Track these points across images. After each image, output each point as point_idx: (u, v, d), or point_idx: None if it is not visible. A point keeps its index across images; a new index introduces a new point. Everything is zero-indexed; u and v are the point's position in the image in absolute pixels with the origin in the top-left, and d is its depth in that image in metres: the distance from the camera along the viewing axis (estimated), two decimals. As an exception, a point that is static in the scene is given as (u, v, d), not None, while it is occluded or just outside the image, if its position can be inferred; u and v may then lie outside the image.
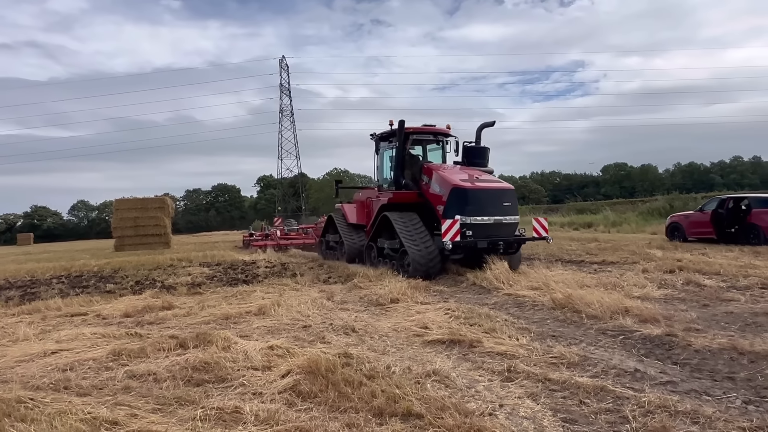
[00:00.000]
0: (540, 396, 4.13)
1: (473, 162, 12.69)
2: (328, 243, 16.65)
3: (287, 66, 73.42)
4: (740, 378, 4.47)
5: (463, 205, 10.60)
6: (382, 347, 5.71)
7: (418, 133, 12.99)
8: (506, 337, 5.86)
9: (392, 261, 11.79)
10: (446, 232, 10.22)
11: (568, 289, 7.96)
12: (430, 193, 11.67)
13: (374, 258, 12.79)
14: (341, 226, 15.02)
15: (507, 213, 10.93)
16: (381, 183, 13.88)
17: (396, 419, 3.66)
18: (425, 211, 11.74)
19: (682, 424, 3.45)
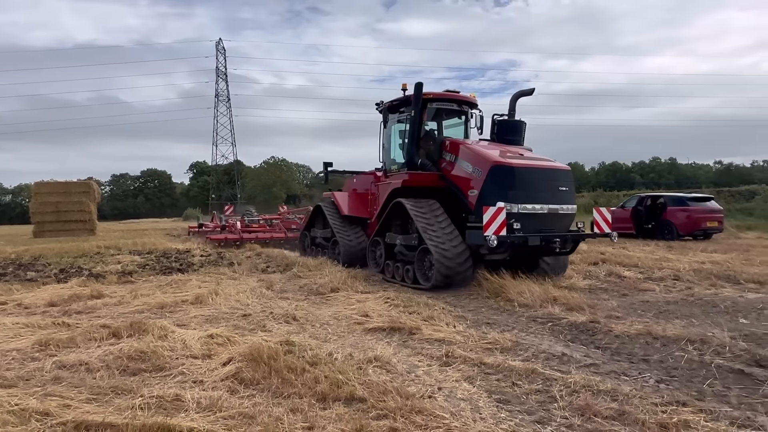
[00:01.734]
0: (476, 379, 4.35)
1: (505, 139, 9.77)
2: (314, 240, 13.47)
3: (224, 49, 71.20)
4: (654, 360, 4.89)
5: (506, 189, 8.05)
6: (324, 335, 5.77)
7: (439, 101, 10.23)
8: (444, 325, 6.08)
9: (406, 263, 9.28)
10: (489, 224, 7.65)
11: (501, 279, 8.33)
12: (455, 174, 9.26)
13: (380, 258, 10.22)
14: (333, 219, 11.87)
15: (564, 201, 8.44)
16: (388, 165, 11.07)
17: (339, 403, 3.75)
18: (447, 198, 9.30)
19: (603, 402, 3.76)
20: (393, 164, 10.93)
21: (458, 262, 8.20)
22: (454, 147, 9.49)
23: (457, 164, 9.28)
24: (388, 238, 9.86)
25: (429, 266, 8.54)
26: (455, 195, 9.23)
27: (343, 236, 11.48)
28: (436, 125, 10.95)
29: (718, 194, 28.47)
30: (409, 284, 8.93)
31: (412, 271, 8.96)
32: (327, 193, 12.89)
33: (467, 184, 8.89)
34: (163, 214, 75.33)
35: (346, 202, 11.90)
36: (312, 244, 13.53)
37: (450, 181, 9.42)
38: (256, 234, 16.95)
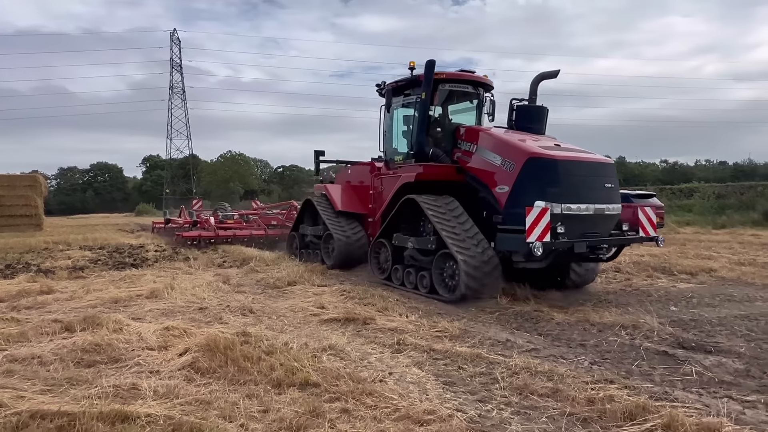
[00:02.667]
0: (425, 364, 4.60)
1: (525, 127, 8.42)
2: (304, 239, 11.91)
3: (179, 40, 69.39)
4: (590, 344, 5.28)
5: (546, 185, 6.77)
6: (280, 326, 5.91)
7: (452, 82, 8.87)
8: (397, 315, 6.33)
9: (420, 270, 8.03)
10: (532, 228, 6.37)
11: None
12: (474, 167, 7.99)
13: (386, 263, 8.91)
14: (327, 215, 10.51)
15: (610, 199, 7.24)
16: (390, 155, 9.74)
17: (294, 389, 3.92)
18: (464, 194, 8.03)
19: (540, 381, 4.07)
20: (396, 154, 9.58)
21: (486, 271, 6.96)
22: (473, 135, 8.24)
23: (477, 155, 7.92)
24: (396, 239, 8.46)
25: (451, 275, 7.29)
26: (474, 191, 7.94)
27: (338, 231, 10.09)
28: (441, 110, 9.33)
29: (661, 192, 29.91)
30: (423, 293, 7.73)
31: (428, 279, 7.71)
32: (318, 185, 11.63)
33: (492, 178, 7.51)
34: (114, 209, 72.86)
35: (341, 196, 10.65)
36: (302, 245, 11.86)
37: (469, 174, 8.11)
38: (233, 231, 15.18)
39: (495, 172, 7.52)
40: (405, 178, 8.55)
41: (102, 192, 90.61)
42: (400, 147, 9.57)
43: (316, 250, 11.03)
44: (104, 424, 3.23)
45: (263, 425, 3.29)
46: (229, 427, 3.22)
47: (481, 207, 7.75)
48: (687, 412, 3.41)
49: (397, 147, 9.66)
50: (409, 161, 8.90)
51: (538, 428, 3.33)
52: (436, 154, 8.65)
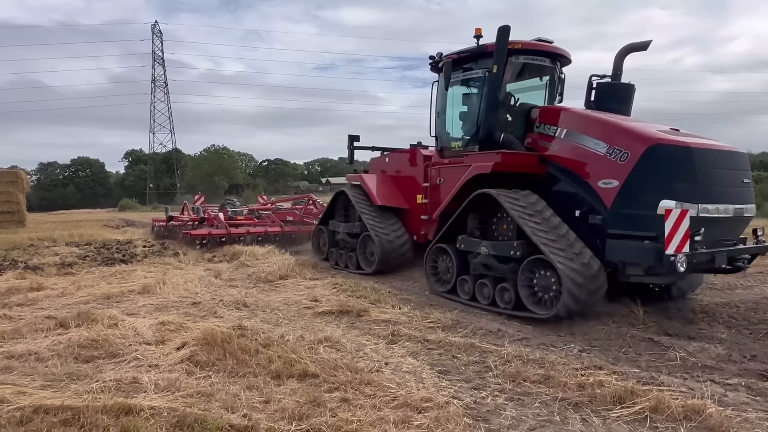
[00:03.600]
0: (420, 354, 4.72)
1: (607, 108, 6.91)
2: (334, 236, 10.23)
3: (160, 33, 68.46)
4: (578, 333, 5.44)
5: (674, 180, 5.52)
6: (275, 319, 5.98)
7: (529, 54, 7.42)
8: (390, 307, 6.44)
9: (499, 281, 6.46)
10: (671, 236, 5.11)
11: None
12: (561, 156, 6.55)
13: (448, 273, 7.25)
14: (365, 211, 9.04)
15: (748, 199, 5.98)
16: (445, 141, 8.23)
17: (293, 379, 4.01)
18: (544, 189, 6.62)
19: (532, 369, 4.21)
20: (452, 140, 8.08)
21: (594, 288, 5.60)
22: (556, 116, 6.78)
23: (566, 141, 6.48)
24: (462, 243, 6.93)
25: (545, 287, 5.86)
26: (558, 185, 6.54)
27: (379, 231, 8.68)
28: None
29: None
30: (504, 309, 6.27)
31: (512, 292, 6.20)
32: (352, 175, 10.16)
33: (591, 169, 6.08)
34: (96, 204, 71.83)
35: (380, 188, 9.21)
36: (331, 243, 10.33)
37: (552, 164, 6.67)
38: (247, 228, 13.47)
39: (596, 162, 6.03)
40: (477, 169, 6.92)
41: (83, 187, 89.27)
42: (455, 131, 8.13)
43: (350, 252, 9.60)
44: (108, 417, 3.29)
45: (266, 415, 3.37)
46: (232, 418, 3.29)
47: (571, 204, 6.22)
48: (673, 395, 3.57)
49: (452, 131, 8.17)
50: (472, 148, 7.45)
51: (532, 413, 3.46)
52: (508, 140, 7.13)
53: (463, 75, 7.83)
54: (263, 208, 16.24)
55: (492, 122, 7.19)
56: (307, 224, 13.58)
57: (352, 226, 9.53)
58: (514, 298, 6.19)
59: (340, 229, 9.90)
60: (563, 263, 5.52)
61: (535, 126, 7.08)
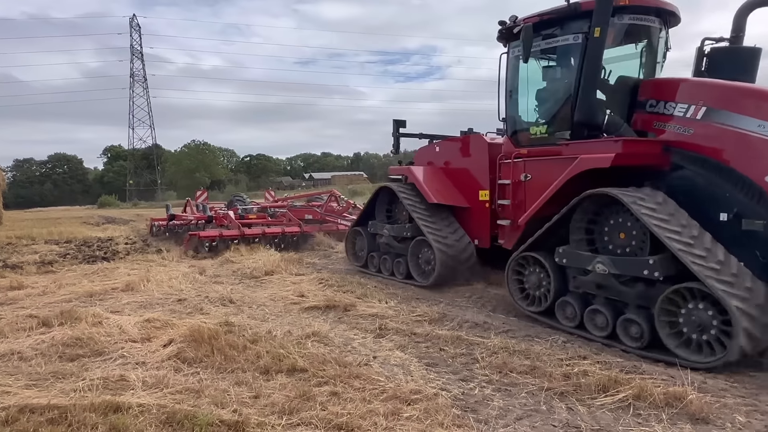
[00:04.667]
0: (407, 347, 4.76)
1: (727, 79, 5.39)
2: (374, 239, 8.71)
3: (138, 26, 67.27)
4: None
5: None
6: (262, 315, 5.97)
7: (636, 12, 5.98)
8: (377, 301, 6.47)
9: (619, 310, 4.89)
10: None
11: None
12: (696, 143, 5.09)
13: (538, 288, 5.73)
14: (418, 210, 7.56)
15: None
16: (520, 126, 6.70)
17: (282, 374, 4.02)
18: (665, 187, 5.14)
19: (518, 360, 4.28)
20: (532, 125, 6.53)
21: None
22: (680, 90, 5.38)
23: (706, 122, 5.02)
24: (564, 258, 5.35)
25: (699, 326, 4.25)
26: (695, 180, 5.05)
27: (436, 235, 7.22)
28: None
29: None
30: (636, 348, 4.58)
31: (644, 327, 4.55)
32: (396, 168, 8.74)
33: (756, 160, 4.63)
34: (74, 201, 70.50)
35: (432, 183, 7.77)
36: (371, 247, 8.76)
37: (685, 152, 5.18)
38: (262, 228, 11.94)
39: (761, 150, 4.59)
40: (590, 163, 5.32)
41: (61, 184, 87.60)
42: (527, 115, 6.65)
43: (398, 258, 8.10)
44: (96, 415, 3.27)
45: (256, 410, 3.38)
46: (222, 413, 3.29)
47: (712, 206, 4.79)
48: (655, 382, 3.66)
49: (530, 114, 6.64)
50: (561, 134, 6.05)
51: (519, 403, 3.53)
52: (614, 123, 5.75)
53: (545, 43, 6.24)
54: (277, 206, 14.73)
55: (593, 101, 5.70)
56: (328, 223, 12.52)
57: (400, 229, 7.93)
58: (648, 335, 4.52)
59: (384, 231, 8.29)
60: (728, 292, 4.04)
61: (647, 104, 5.69)
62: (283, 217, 13.10)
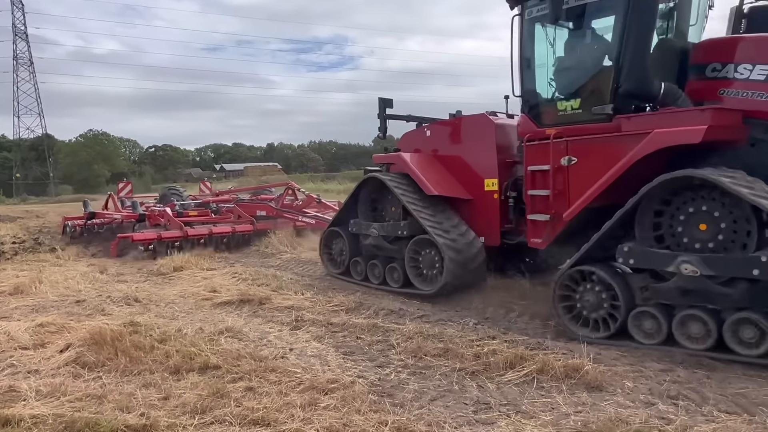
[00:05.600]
0: (324, 338, 4.76)
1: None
2: (357, 240, 7.24)
3: (22, 4, 61.00)
4: (473, 308, 5.77)
5: None
6: (171, 313, 5.71)
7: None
8: (293, 293, 6.40)
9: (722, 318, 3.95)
10: None
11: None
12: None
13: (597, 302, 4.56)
14: (416, 204, 6.36)
15: None
16: (545, 103, 5.64)
17: (194, 373, 3.87)
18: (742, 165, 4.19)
19: (432, 343, 4.42)
20: (554, 100, 5.53)
21: None
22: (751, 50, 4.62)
23: None
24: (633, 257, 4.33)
25: None
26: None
27: (444, 234, 6.03)
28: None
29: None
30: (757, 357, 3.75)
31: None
32: (381, 156, 7.53)
33: None
34: (-52, 198, 63.26)
35: (429, 172, 6.63)
36: (354, 251, 7.26)
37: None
38: (209, 228, 10.37)
39: None
40: (671, 138, 4.31)
41: (-67, 178, 78.01)
42: (554, 88, 5.57)
43: (390, 263, 6.73)
44: (-18, 431, 2.98)
45: (165, 412, 3.23)
46: (128, 418, 3.12)
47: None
48: (556, 357, 3.92)
49: (549, 88, 5.61)
50: (602, 108, 4.98)
51: (433, 385, 3.65)
52: (672, 92, 4.81)
53: (581, 9, 5.16)
54: (221, 200, 13.06)
55: (647, 66, 4.76)
56: (285, 220, 10.98)
57: (393, 227, 6.62)
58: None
59: (371, 231, 6.85)
60: None
61: (706, 69, 4.86)
62: (230, 213, 11.58)
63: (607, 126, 4.95)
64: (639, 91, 4.83)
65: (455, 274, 5.89)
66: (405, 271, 6.44)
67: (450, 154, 6.77)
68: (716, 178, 3.87)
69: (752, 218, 3.79)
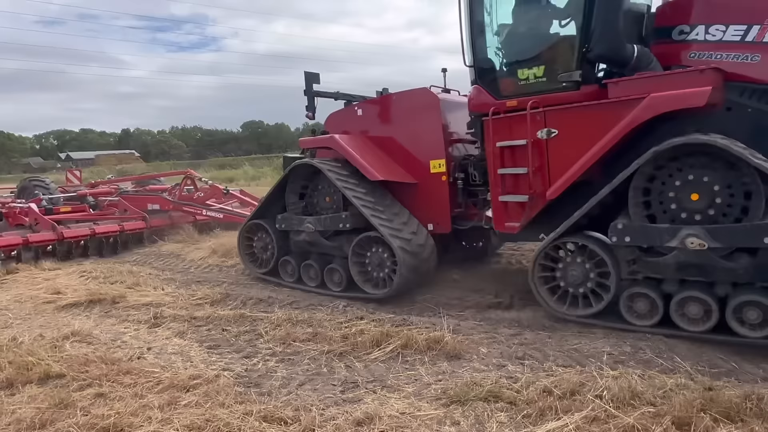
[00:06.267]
0: (187, 333, 4.52)
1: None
2: (287, 237, 6.26)
3: None
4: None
5: None
6: (3, 321, 5.03)
7: None
8: (151, 289, 5.99)
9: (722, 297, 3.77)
10: None
11: (219, 240, 8.42)
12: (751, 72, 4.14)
13: (582, 283, 4.31)
14: (353, 190, 5.56)
15: None
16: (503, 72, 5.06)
17: (32, 385, 3.46)
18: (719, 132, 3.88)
19: (301, 329, 4.40)
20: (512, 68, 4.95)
21: None
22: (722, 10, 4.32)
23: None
24: (627, 235, 3.98)
25: None
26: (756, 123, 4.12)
27: (398, 234, 5.29)
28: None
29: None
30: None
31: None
32: (310, 139, 6.55)
33: None
34: None
35: (369, 156, 5.83)
36: (282, 249, 6.30)
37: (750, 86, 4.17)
38: (90, 226, 8.59)
39: None
40: (671, 102, 3.94)
41: None
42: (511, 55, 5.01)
43: (329, 264, 5.83)
44: None
45: (-6, 432, 2.85)
46: (-55, 445, 2.70)
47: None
48: (419, 331, 4.12)
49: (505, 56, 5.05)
50: (566, 77, 4.54)
51: (302, 370, 3.64)
52: (645, 56, 4.47)
53: None
54: (101, 193, 10.94)
55: (619, 28, 4.36)
56: (185, 214, 9.47)
57: (333, 221, 5.69)
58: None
59: (305, 226, 5.88)
60: None
61: (673, 31, 4.55)
62: (114, 208, 9.89)
63: (581, 94, 4.49)
64: (612, 54, 4.44)
65: (409, 279, 5.22)
66: (348, 272, 5.58)
67: (386, 134, 6.03)
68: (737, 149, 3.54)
69: (760, 185, 3.54)
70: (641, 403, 2.81)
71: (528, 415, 2.83)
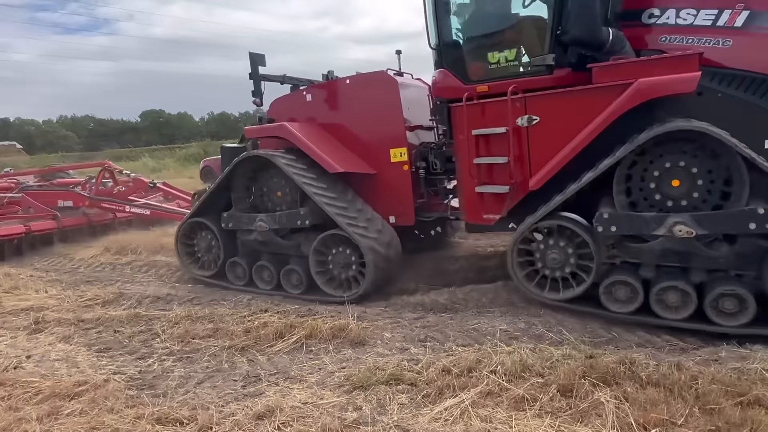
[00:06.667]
0: (73, 337, 4.19)
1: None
2: (234, 237, 5.76)
3: None
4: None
5: None
6: None
7: None
8: (33, 292, 5.51)
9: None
10: None
11: (116, 236, 7.86)
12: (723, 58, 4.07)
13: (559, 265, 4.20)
14: (311, 184, 5.12)
15: None
16: (470, 53, 4.75)
17: None
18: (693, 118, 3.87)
19: (201, 325, 4.23)
20: (481, 51, 4.69)
21: None
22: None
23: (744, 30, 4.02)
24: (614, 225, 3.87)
25: None
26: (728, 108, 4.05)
27: (361, 227, 5.00)
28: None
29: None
30: None
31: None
32: (257, 128, 5.87)
33: None
34: None
35: (325, 145, 5.42)
36: (230, 249, 5.78)
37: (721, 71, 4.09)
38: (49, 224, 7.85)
39: None
40: (660, 87, 3.81)
41: None
42: (480, 38, 4.74)
43: (286, 265, 5.36)
44: None
45: None
46: None
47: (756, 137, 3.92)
48: (324, 321, 4.10)
49: (474, 38, 4.77)
50: (538, 60, 4.38)
51: (201, 367, 3.50)
52: (620, 39, 4.29)
53: None
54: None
55: (596, 9, 4.16)
56: (106, 210, 8.58)
57: (290, 218, 5.25)
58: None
59: (257, 225, 5.40)
60: None
61: (642, 15, 4.46)
62: (16, 206, 8.79)
63: (563, 77, 4.35)
64: (588, 37, 4.21)
65: (378, 279, 4.94)
66: (309, 273, 5.17)
67: (340, 122, 5.60)
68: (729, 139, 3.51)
69: (744, 172, 3.53)
70: (531, 374, 2.99)
71: (428, 394, 2.91)
